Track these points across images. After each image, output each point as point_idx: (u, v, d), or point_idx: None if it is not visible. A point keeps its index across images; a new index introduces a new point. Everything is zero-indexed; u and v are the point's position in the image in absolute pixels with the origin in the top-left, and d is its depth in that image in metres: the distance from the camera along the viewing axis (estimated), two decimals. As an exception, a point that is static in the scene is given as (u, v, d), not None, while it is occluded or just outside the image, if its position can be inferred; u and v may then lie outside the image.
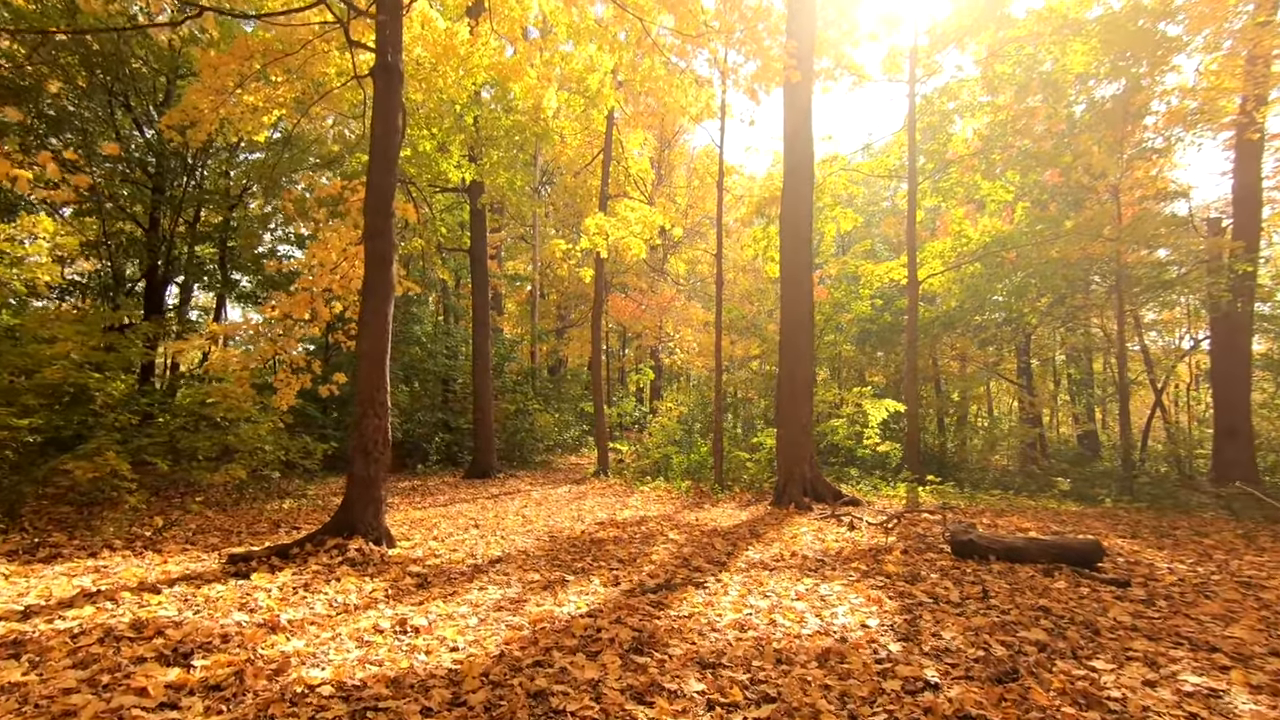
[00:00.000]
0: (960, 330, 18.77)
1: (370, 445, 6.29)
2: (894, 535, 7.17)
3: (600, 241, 12.43)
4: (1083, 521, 8.56)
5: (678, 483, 12.71)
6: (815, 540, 7.03)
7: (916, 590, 4.95)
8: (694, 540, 7.16)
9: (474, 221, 14.97)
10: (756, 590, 5.01)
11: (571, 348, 26.11)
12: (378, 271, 6.50)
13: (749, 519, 8.93)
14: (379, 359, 6.42)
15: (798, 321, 10.83)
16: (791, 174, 11.03)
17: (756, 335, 19.45)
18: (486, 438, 14.77)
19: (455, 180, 13.68)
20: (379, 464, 6.34)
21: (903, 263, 15.96)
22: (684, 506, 10.52)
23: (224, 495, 9.46)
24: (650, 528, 8.10)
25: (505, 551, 6.57)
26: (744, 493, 11.83)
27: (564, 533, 7.73)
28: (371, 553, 5.87)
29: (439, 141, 13.02)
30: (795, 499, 10.16)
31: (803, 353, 10.80)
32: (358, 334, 6.47)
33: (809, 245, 11.00)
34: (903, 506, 9.87)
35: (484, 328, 14.81)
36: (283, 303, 9.23)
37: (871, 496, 10.77)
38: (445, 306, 21.73)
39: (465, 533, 7.63)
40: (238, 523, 7.75)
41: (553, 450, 20.55)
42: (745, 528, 8.04)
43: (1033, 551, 5.83)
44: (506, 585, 5.22)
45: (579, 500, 11.17)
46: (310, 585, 4.88)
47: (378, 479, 6.33)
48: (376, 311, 6.45)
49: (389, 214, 6.62)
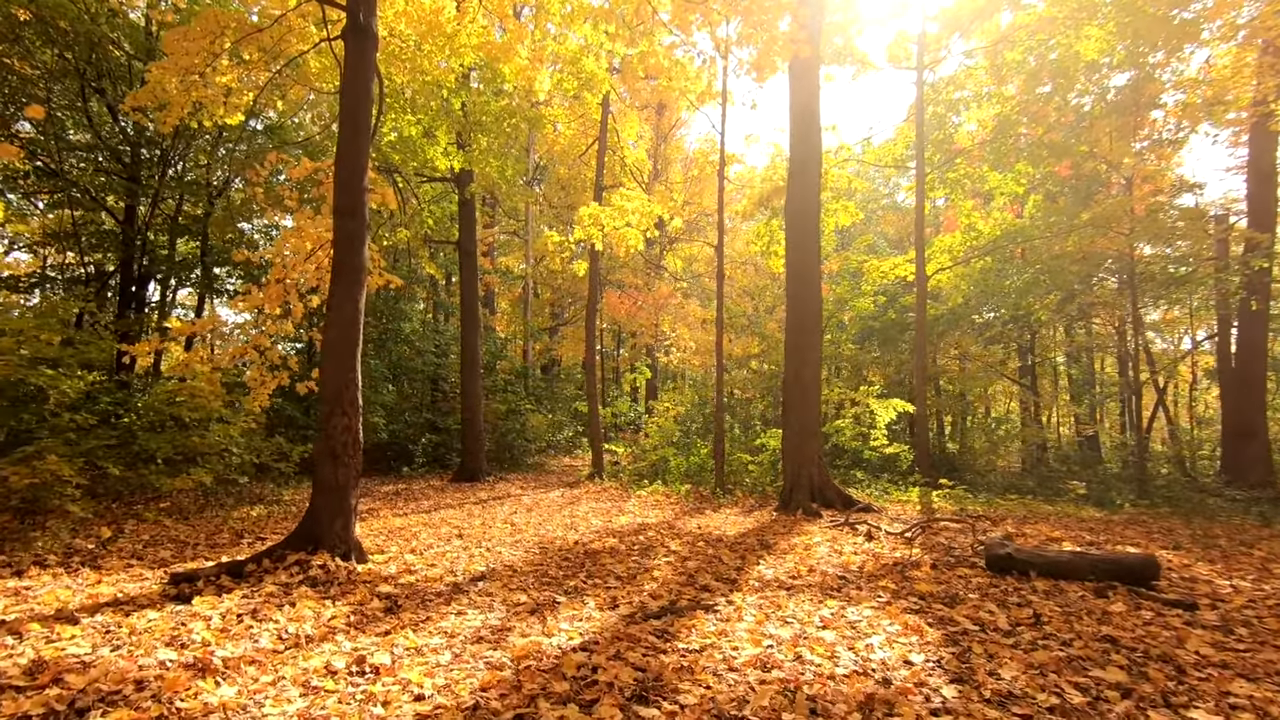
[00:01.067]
0: (964, 328, 18.24)
1: (338, 448, 5.62)
2: (918, 547, 6.55)
3: (595, 233, 11.78)
4: (1112, 529, 7.97)
5: (676, 486, 12.08)
6: (832, 553, 6.40)
7: (958, 615, 4.32)
8: (698, 552, 6.52)
9: (463, 212, 14.31)
10: (775, 615, 4.37)
11: (565, 346, 25.44)
12: (348, 253, 5.84)
13: (755, 526, 8.30)
14: (348, 350, 5.75)
15: (804, 318, 10.21)
16: (798, 160, 10.41)
17: (756, 333, 18.83)
18: (475, 439, 14.09)
19: (443, 168, 13.01)
20: (349, 469, 5.67)
21: (909, 258, 15.37)
22: (684, 512, 9.88)
23: (189, 502, 8.76)
24: (649, 537, 7.46)
25: (490, 566, 5.91)
26: (746, 497, 11.21)
27: (555, 543, 7.08)
28: (337, 570, 5.19)
29: (425, 126, 12.34)
30: (803, 504, 9.54)
31: (810, 351, 10.18)
32: (325, 322, 5.80)
33: (817, 237, 10.39)
34: (918, 513, 9.27)
35: (473, 323, 14.13)
36: (253, 296, 8.54)
37: (883, 502, 10.15)
38: (435, 303, 21.03)
39: (447, 544, 6.96)
40: (197, 533, 7.06)
41: (545, 452, 19.88)
42: (753, 537, 7.40)
43: (1080, 567, 5.22)
44: (489, 608, 4.57)
45: (572, 505, 10.52)
46: (259, 611, 4.21)
47: (347, 486, 5.66)
48: (346, 297, 5.78)
49: (361, 190, 5.96)
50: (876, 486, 11.64)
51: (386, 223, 13.08)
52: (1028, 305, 15.28)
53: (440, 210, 15.64)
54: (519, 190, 13.36)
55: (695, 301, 24.09)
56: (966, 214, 15.30)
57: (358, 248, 5.88)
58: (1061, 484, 12.90)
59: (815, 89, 10.51)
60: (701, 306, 23.22)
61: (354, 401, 5.76)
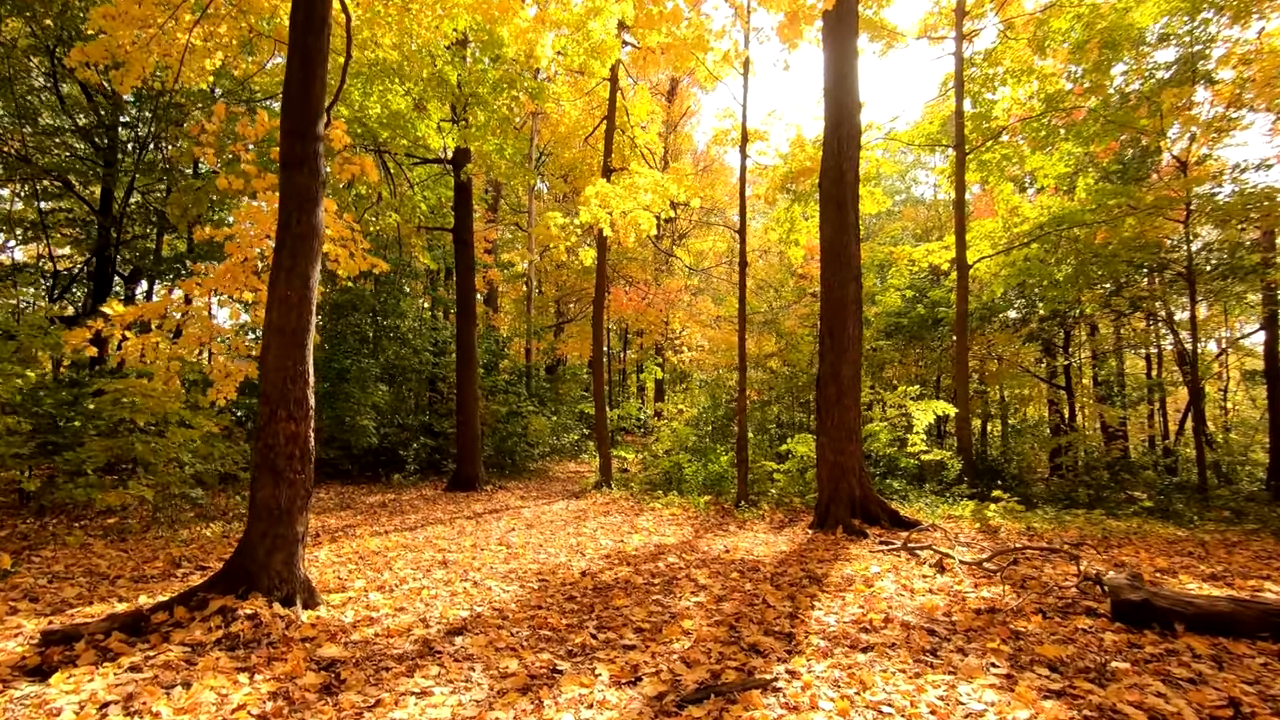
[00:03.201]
0: (999, 324, 16.97)
1: (280, 460, 4.41)
2: (1004, 582, 5.29)
3: (603, 215, 10.56)
4: (1217, 555, 6.68)
5: (694, 498, 10.84)
6: (902, 590, 5.15)
7: (1120, 703, 3.07)
8: (734, 588, 5.28)
9: (459, 197, 13.11)
10: (861, 700, 3.13)
11: (570, 345, 24.23)
12: (298, 214, 4.63)
13: (792, 549, 7.06)
14: (296, 336, 4.54)
15: (842, 304, 8.97)
16: (833, 126, 9.18)
17: (774, 330, 17.58)
18: (471, 443, 12.88)
19: (436, 147, 11.82)
20: (295, 487, 4.46)
21: (945, 244, 14.11)
22: (705, 529, 8.65)
23: (136, 519, 7.55)
24: (670, 565, 6.22)
25: (474, 609, 4.68)
26: (774, 510, 9.96)
27: (558, 574, 5.85)
28: (272, 621, 3.98)
29: (415, 98, 11.16)
30: (843, 521, 8.30)
31: (849, 343, 8.94)
32: (267, 301, 4.60)
33: (855, 211, 9.15)
34: (977, 531, 8.01)
35: (469, 318, 12.93)
36: (211, 277, 7.35)
37: (934, 518, 8.88)
38: (434, 299, 19.85)
39: (426, 575, 5.74)
40: (126, 561, 5.86)
41: (549, 457, 18.67)
42: (794, 565, 6.16)
43: (1246, 621, 3.96)
44: (465, 682, 3.35)
45: (578, 521, 9.29)
46: (139, 695, 3.00)
47: (293, 510, 4.45)
48: (292, 271, 4.57)
49: (314, 137, 4.75)
50: (920, 499, 10.36)
51: (373, 206, 11.90)
52: (1073, 297, 13.96)
53: (435, 196, 14.46)
54: (520, 171, 12.16)
55: (707, 298, 22.85)
56: (1007, 197, 14.03)
57: (310, 209, 4.67)
58: (1117, 494, 11.63)
59: (852, 49, 9.27)
60: (714, 303, 21.98)
61: (303, 401, 4.55)
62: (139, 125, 14.35)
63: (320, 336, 15.08)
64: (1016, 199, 13.88)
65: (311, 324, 4.66)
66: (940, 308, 17.15)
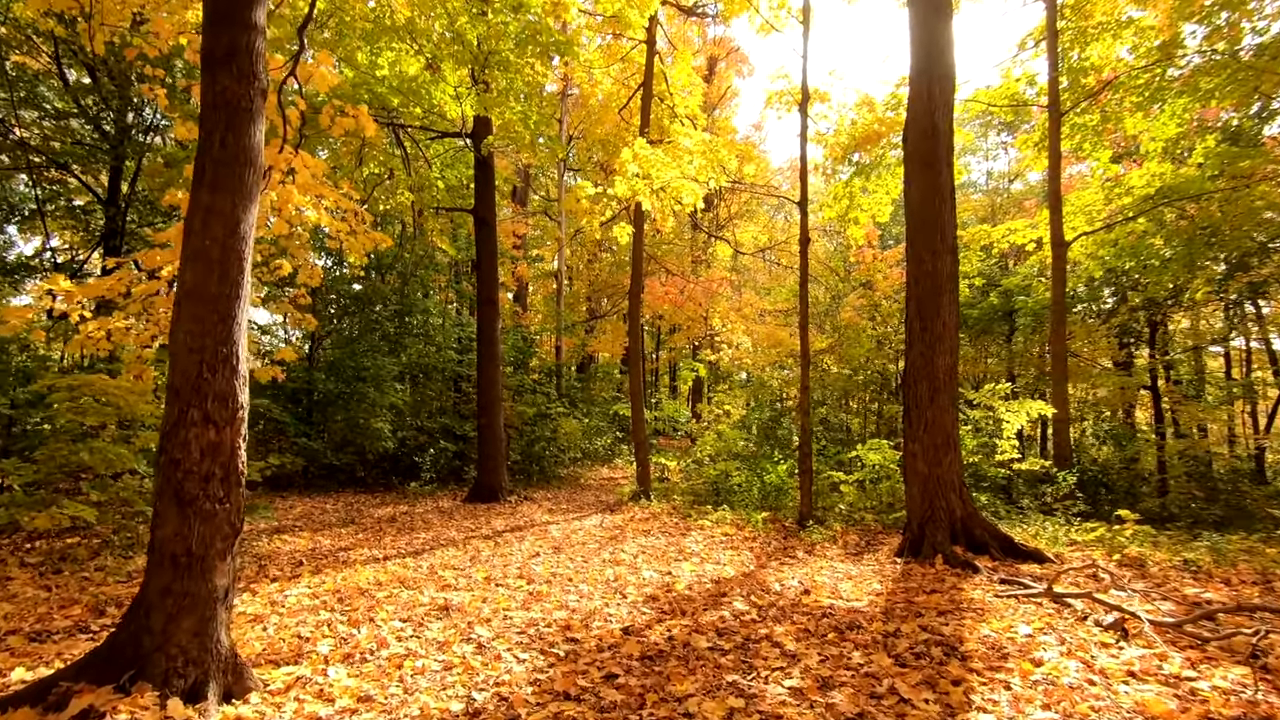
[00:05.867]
0: (1081, 313, 15.05)
1: (191, 484, 3.03)
2: (1233, 659, 3.65)
3: (641, 186, 9.10)
4: None
5: (749, 514, 9.29)
6: (1083, 671, 3.55)
7: None
8: (836, 658, 3.76)
9: (479, 174, 11.80)
10: None
11: (602, 342, 22.83)
12: (221, 132, 3.26)
13: (888, 588, 5.51)
14: (219, 305, 3.17)
15: (935, 283, 7.35)
16: (923, 69, 7.56)
17: (828, 322, 15.92)
18: (494, 448, 11.53)
19: (454, 114, 10.52)
20: (214, 522, 3.08)
21: (1030, 222, 12.30)
22: (768, 555, 7.12)
23: (84, 546, 6.31)
24: (739, 613, 4.71)
25: (471, 700, 3.24)
26: (845, 530, 8.37)
27: (593, 629, 4.39)
28: (157, 734, 2.59)
29: (428, 58, 9.86)
30: (942, 548, 6.68)
31: (944, 330, 7.31)
32: (180, 255, 3.25)
33: (950, 170, 7.52)
34: (1118, 565, 6.31)
35: (492, 306, 11.59)
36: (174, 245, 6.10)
37: (1060, 546, 7.19)
38: (457, 293, 18.66)
39: (418, 632, 4.32)
40: (38, 605, 4.57)
41: (580, 462, 17.27)
42: (905, 616, 4.60)
43: None
44: None
45: (615, 542, 7.84)
46: None
47: (209, 554, 3.06)
48: (212, 212, 3.20)
49: (248, 25, 3.38)
50: (1019, 518, 8.64)
51: (383, 183, 10.64)
52: (1182, 280, 11.98)
53: (455, 176, 13.18)
54: (547, 145, 10.77)
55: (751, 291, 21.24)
56: (1104, 166, 12.17)
57: (240, 125, 3.30)
58: (1257, 510, 9.72)
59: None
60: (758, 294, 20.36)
61: (228, 396, 3.17)
62: (145, 108, 13.38)
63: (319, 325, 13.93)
64: (1115, 168, 12.01)
65: (245, 288, 3.28)
66: (1017, 297, 15.30)
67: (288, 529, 8.25)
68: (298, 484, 12.36)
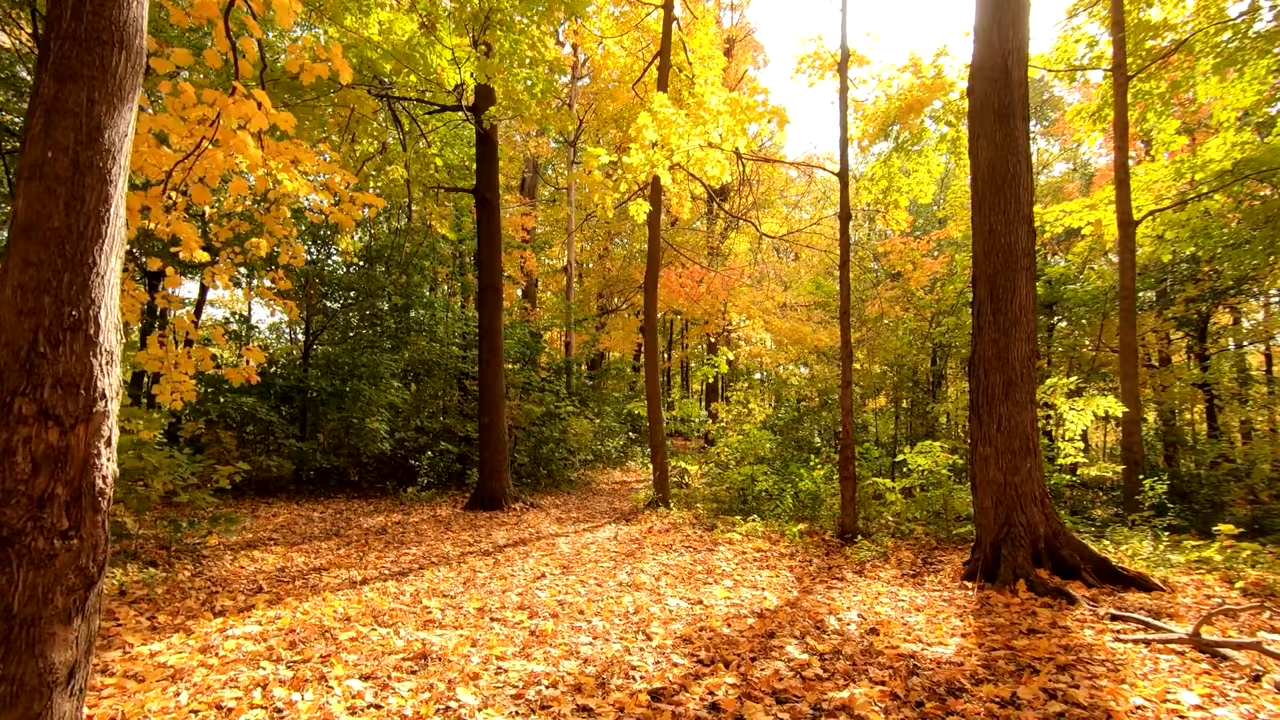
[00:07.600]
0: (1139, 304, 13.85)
1: (13, 510, 2.02)
2: None
3: (659, 157, 8.06)
4: None
5: (783, 525, 8.22)
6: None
7: None
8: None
9: (481, 150, 10.80)
10: None
11: (614, 338, 21.80)
12: (87, 19, 2.25)
13: (974, 626, 4.44)
14: (66, 243, 2.16)
15: (1010, 256, 6.26)
16: (995, 8, 6.47)
17: (857, 315, 14.79)
18: (496, 450, 10.52)
19: (452, 81, 9.52)
20: (54, 567, 2.07)
21: (1089, 202, 11.13)
22: (811, 576, 6.06)
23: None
24: (796, 665, 3.65)
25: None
26: (897, 547, 7.27)
27: (610, 690, 3.34)
28: None
29: (423, 18, 8.88)
30: (1023, 572, 5.60)
31: (1020, 312, 6.22)
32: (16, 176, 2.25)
33: (1026, 124, 6.43)
34: (1243, 595, 5.20)
35: (494, 295, 10.58)
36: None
37: (1166, 570, 6.06)
38: (461, 285, 17.69)
39: (382, 694, 3.28)
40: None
41: (591, 465, 16.25)
42: (1017, 675, 3.52)
43: None
44: None
45: (632, 559, 6.79)
46: None
47: (46, 616, 2.05)
48: (60, 109, 2.19)
49: None
50: (1107, 538, 7.49)
51: (374, 158, 9.66)
52: (1263, 263, 10.77)
53: (455, 155, 12.19)
54: (554, 116, 9.76)
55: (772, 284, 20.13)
56: (1168, 139, 11.00)
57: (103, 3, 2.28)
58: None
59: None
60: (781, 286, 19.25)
61: (77, 378, 2.16)
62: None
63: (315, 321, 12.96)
64: (1183, 139, 10.86)
65: (113, 225, 2.27)
66: (1066, 285, 14.13)
67: (261, 543, 7.27)
68: (287, 489, 11.42)
